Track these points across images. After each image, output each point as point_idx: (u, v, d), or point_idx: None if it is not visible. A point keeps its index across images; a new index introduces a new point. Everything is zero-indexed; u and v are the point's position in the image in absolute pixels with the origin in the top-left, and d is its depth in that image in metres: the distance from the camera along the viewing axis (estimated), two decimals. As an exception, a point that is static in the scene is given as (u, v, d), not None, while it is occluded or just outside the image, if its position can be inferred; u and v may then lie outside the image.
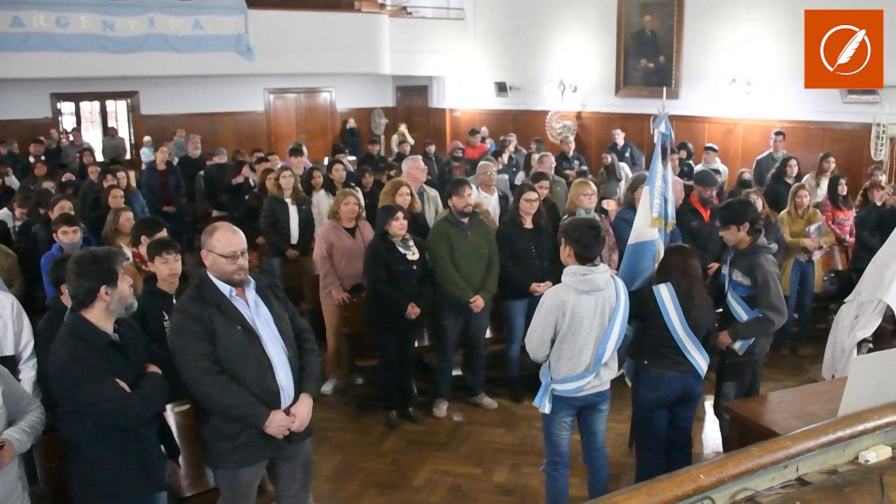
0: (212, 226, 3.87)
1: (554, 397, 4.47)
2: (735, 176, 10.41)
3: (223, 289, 3.74)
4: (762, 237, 5.22)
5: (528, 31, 16.85)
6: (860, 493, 2.88)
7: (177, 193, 11.28)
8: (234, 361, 3.69)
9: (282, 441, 3.83)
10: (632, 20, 14.53)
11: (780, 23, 11.97)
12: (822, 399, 4.00)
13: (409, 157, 9.22)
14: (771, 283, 4.97)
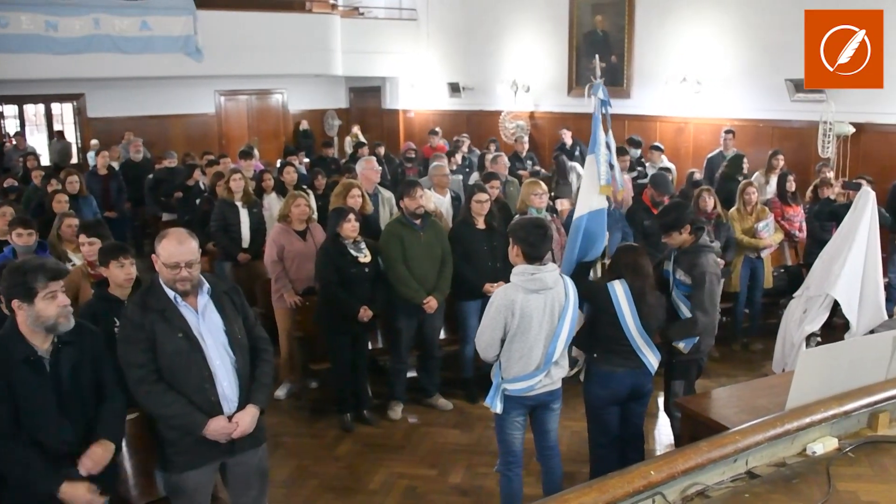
0: (164, 231, 3.79)
1: (505, 397, 4.47)
2: (684, 174, 10.52)
3: (169, 294, 3.67)
4: (704, 236, 5.24)
5: (480, 32, 16.87)
6: (808, 485, 2.94)
7: (119, 198, 11.01)
8: (173, 369, 3.63)
9: (226, 446, 3.78)
10: (583, 20, 14.60)
11: (728, 23, 12.13)
12: (771, 393, 4.04)
13: (363, 158, 9.16)
14: (706, 283, 4.99)
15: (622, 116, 13.75)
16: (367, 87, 20.23)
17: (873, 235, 6.24)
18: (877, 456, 3.17)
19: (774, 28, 11.40)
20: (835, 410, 3.22)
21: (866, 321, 6.22)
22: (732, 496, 2.88)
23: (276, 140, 18.97)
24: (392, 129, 19.52)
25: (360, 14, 19.18)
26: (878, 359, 3.58)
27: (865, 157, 10.37)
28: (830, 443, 3.21)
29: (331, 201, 7.24)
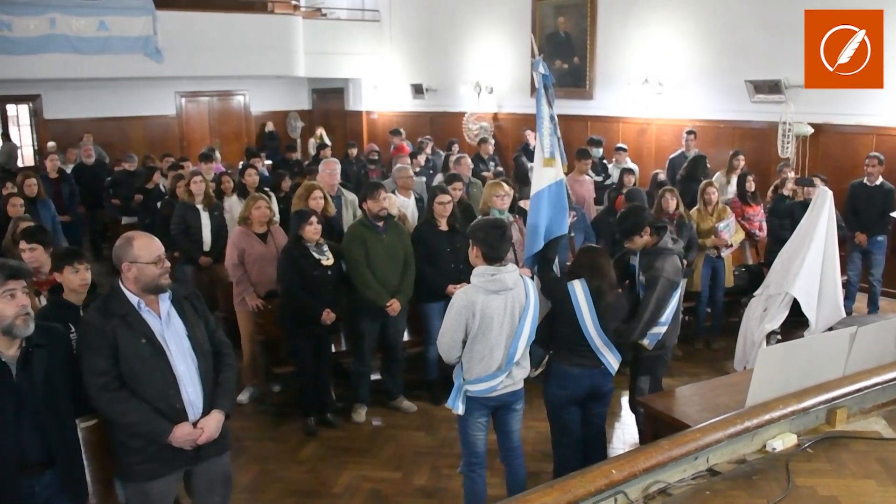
0: (126, 237, 3.73)
1: (467, 398, 4.46)
2: (647, 175, 10.60)
3: (132, 300, 3.62)
4: (667, 237, 5.25)
5: (443, 33, 16.87)
6: (767, 480, 2.97)
7: (71, 202, 10.86)
8: (137, 376, 3.57)
9: (191, 453, 3.73)
10: (546, 22, 14.65)
11: (689, 25, 12.24)
12: (732, 391, 4.08)
13: (324, 160, 9.11)
14: (657, 286, 5.02)
15: (585, 117, 13.86)
16: (330, 89, 20.14)
17: (831, 234, 6.34)
18: (835, 451, 3.21)
19: (734, 30, 11.54)
20: (793, 407, 3.26)
21: (825, 319, 6.31)
22: (693, 493, 2.90)
23: (238, 142, 18.82)
24: (355, 131, 19.45)
25: (322, 15, 19.09)
26: (836, 355, 3.63)
27: (824, 157, 10.53)
28: (789, 439, 3.24)
29: (293, 203, 7.19)
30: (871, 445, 3.28)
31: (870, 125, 10.09)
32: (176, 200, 8.50)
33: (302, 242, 6.09)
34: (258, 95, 19.66)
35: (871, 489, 2.92)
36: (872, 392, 3.60)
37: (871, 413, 3.62)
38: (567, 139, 13.56)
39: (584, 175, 9.70)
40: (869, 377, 3.58)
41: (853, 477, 3.01)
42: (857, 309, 8.82)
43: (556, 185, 5.36)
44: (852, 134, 10.31)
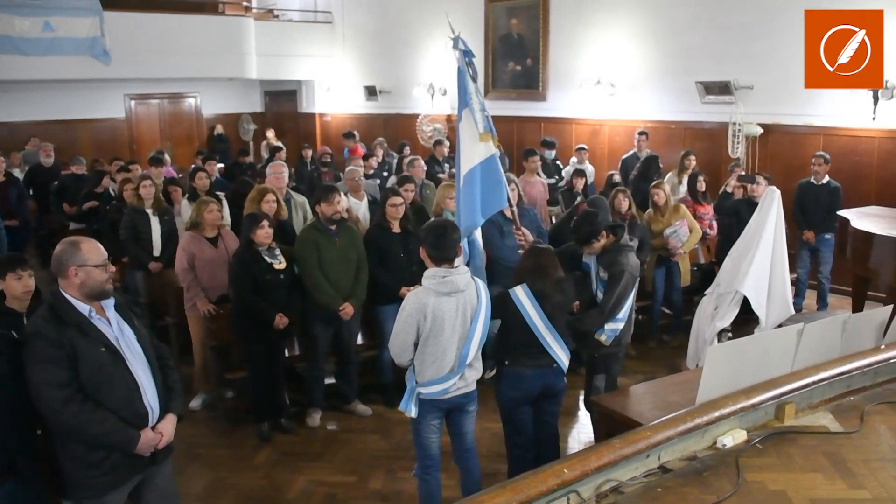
0: (69, 241, 3.65)
1: (420, 401, 4.46)
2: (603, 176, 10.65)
3: (82, 308, 3.54)
4: (625, 235, 5.34)
5: (396, 35, 16.84)
6: (718, 476, 2.99)
7: (19, 206, 10.61)
8: (99, 385, 3.50)
9: (146, 460, 3.70)
10: (499, 24, 14.70)
11: (641, 26, 12.38)
12: (684, 388, 4.11)
13: (271, 163, 9.05)
14: (621, 281, 5.13)
15: (538, 119, 13.94)
16: (282, 91, 20.01)
17: (779, 233, 6.42)
18: (784, 446, 3.25)
19: (685, 32, 11.69)
20: (743, 403, 3.29)
21: (775, 316, 6.39)
22: (645, 491, 2.91)
23: (189, 145, 18.58)
24: (309, 133, 19.33)
25: (274, 16, 18.97)
26: (784, 352, 3.68)
27: (773, 156, 10.71)
28: (739, 435, 3.28)
29: (245, 207, 7.12)
30: (819, 440, 3.32)
31: (817, 125, 10.30)
32: (124, 205, 8.36)
33: (253, 246, 6.03)
34: (210, 98, 19.46)
35: (819, 482, 2.96)
36: (820, 387, 3.65)
37: (819, 408, 3.66)
38: (521, 141, 13.73)
39: (536, 176, 9.73)
40: (816, 373, 3.63)
41: (801, 471, 3.05)
42: (807, 306, 8.97)
43: (489, 160, 5.34)
44: (800, 134, 10.51)
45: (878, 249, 7.28)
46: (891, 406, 3.68)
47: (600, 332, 5.23)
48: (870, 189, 9.71)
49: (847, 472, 3.04)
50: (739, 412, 3.30)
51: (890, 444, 3.35)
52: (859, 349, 4.01)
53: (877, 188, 9.72)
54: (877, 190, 9.68)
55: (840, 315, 4.16)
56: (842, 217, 8.01)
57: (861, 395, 3.83)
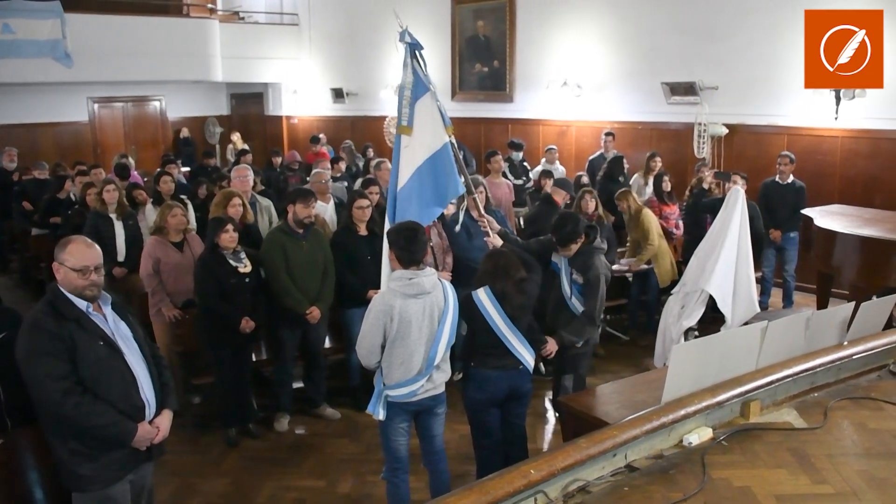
0: (66, 238, 3.76)
1: (388, 403, 4.44)
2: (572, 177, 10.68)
3: (80, 304, 3.60)
4: (598, 238, 5.41)
5: (363, 37, 16.82)
6: (684, 474, 3.00)
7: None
8: (97, 378, 3.57)
9: (143, 454, 3.77)
10: (465, 25, 14.71)
11: (607, 28, 12.46)
12: (651, 388, 4.10)
13: (236, 167, 8.98)
14: (600, 286, 5.20)
15: (505, 120, 13.97)
16: (248, 94, 19.90)
17: (744, 232, 6.48)
18: (749, 443, 3.27)
19: (650, 33, 11.78)
20: (708, 402, 3.31)
21: (740, 314, 6.44)
22: (612, 490, 2.91)
23: (154, 148, 18.39)
24: (275, 136, 19.25)
25: (240, 19, 18.83)
26: (748, 350, 3.70)
27: (738, 156, 10.80)
28: (705, 433, 3.29)
29: (210, 211, 7.06)
30: (783, 436, 3.35)
31: (782, 125, 10.41)
32: (87, 209, 8.25)
33: (218, 250, 5.98)
34: (175, 101, 19.29)
35: (783, 478, 2.98)
36: (784, 384, 3.68)
37: (783, 404, 3.69)
38: (488, 142, 13.75)
39: (501, 177, 9.74)
40: (780, 370, 3.66)
41: (766, 467, 3.07)
42: (773, 304, 9.06)
43: (440, 152, 5.32)
44: (765, 134, 10.61)
45: (840, 247, 7.38)
46: (854, 402, 3.72)
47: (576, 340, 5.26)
48: (833, 188, 9.84)
49: (811, 467, 3.07)
50: (705, 410, 3.32)
51: (852, 439, 3.39)
52: (823, 346, 4.05)
53: (840, 187, 9.85)
54: (840, 188, 9.81)
55: (803, 312, 4.19)
56: (806, 216, 8.09)
57: (825, 391, 3.87)
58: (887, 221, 7.71)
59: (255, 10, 18.86)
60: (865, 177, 9.71)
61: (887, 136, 9.45)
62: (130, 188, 8.88)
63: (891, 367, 4.13)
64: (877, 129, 9.53)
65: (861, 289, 7.12)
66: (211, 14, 17.83)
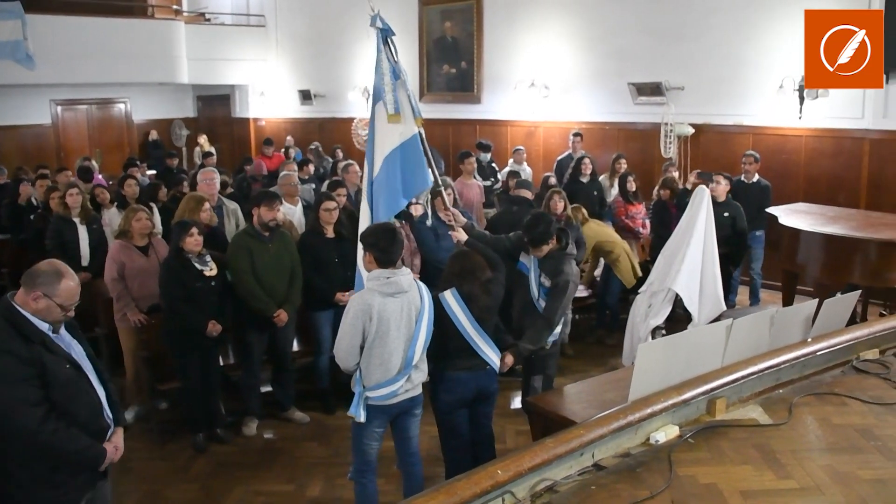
0: (57, 270, 3.58)
1: (368, 406, 4.43)
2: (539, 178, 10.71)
3: (41, 325, 3.49)
4: (572, 244, 5.36)
5: (330, 39, 16.76)
6: (651, 472, 3.01)
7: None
8: (67, 401, 3.49)
9: (99, 475, 3.72)
10: (433, 27, 14.72)
11: (573, 29, 12.52)
12: (619, 386, 4.11)
13: (202, 170, 8.93)
14: (567, 291, 5.16)
15: (473, 121, 13.99)
16: (215, 96, 19.74)
17: (709, 231, 6.52)
18: (715, 440, 3.28)
19: (617, 34, 11.85)
20: (674, 399, 3.32)
21: (707, 313, 6.48)
22: (580, 489, 2.91)
23: (119, 152, 18.15)
24: (243, 138, 19.13)
25: (206, 20, 18.69)
26: (714, 347, 3.73)
27: (705, 155, 10.89)
28: (672, 430, 3.30)
29: (176, 214, 7.02)
30: (749, 432, 3.37)
31: (747, 125, 10.54)
32: (50, 213, 8.13)
33: (183, 254, 5.92)
34: (140, 103, 19.10)
35: (748, 474, 3.00)
36: (749, 381, 3.69)
37: (749, 401, 3.70)
38: (456, 143, 13.75)
39: (472, 178, 9.74)
40: (745, 367, 3.67)
41: (731, 464, 3.08)
42: (740, 302, 9.13)
43: (408, 142, 5.27)
44: (730, 133, 10.73)
45: (805, 245, 7.45)
46: (818, 397, 3.75)
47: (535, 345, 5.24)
48: (798, 186, 9.97)
49: (776, 463, 3.09)
50: (671, 408, 3.32)
51: (816, 434, 3.41)
52: (787, 343, 4.08)
53: (804, 185, 9.99)
54: (804, 187, 9.94)
55: (768, 310, 4.23)
56: (771, 214, 8.17)
57: (789, 387, 3.88)
58: (850, 219, 7.84)
59: (222, 11, 18.72)
60: (829, 175, 9.85)
61: (850, 136, 9.60)
62: (92, 189, 8.78)
63: (854, 363, 4.16)
64: (839, 129, 9.68)
65: (825, 286, 7.21)
66: (176, 15, 17.71)
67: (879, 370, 4.07)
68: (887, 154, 9.36)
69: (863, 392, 3.78)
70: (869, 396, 3.72)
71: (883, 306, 8.52)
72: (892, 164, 9.33)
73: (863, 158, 9.57)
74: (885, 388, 3.86)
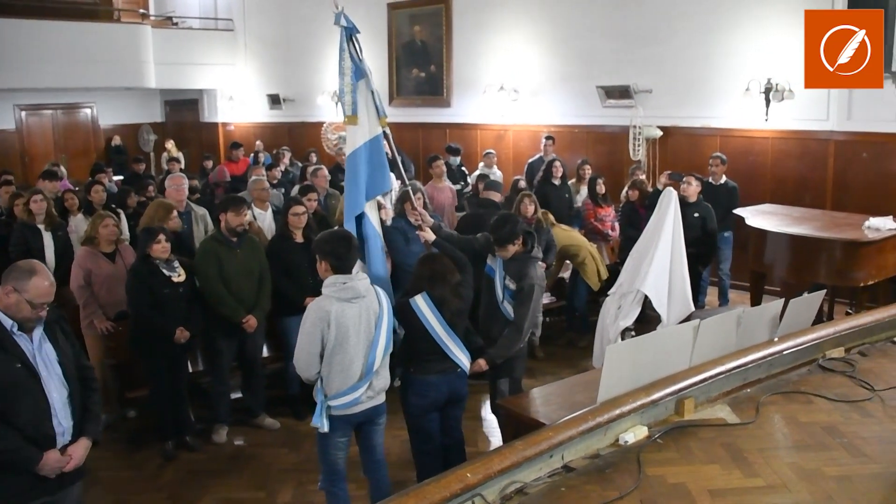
0: (30, 265, 3.63)
1: (331, 417, 4.39)
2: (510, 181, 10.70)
3: (5, 322, 3.49)
4: (537, 246, 5.33)
5: (299, 43, 16.72)
6: (620, 473, 3.03)
7: None
8: (9, 401, 3.45)
9: (53, 482, 3.63)
10: (402, 31, 14.71)
11: (542, 33, 12.57)
12: (588, 388, 4.10)
13: (170, 175, 8.85)
14: (533, 295, 5.11)
15: (443, 125, 14.00)
16: (183, 100, 19.62)
17: (677, 232, 6.56)
18: (684, 440, 3.32)
19: (585, 38, 11.91)
20: (643, 400, 3.35)
21: (676, 314, 6.52)
22: (549, 491, 2.92)
23: (86, 157, 17.97)
24: (211, 143, 19.00)
25: (173, 24, 18.60)
26: (682, 348, 3.76)
27: (673, 157, 10.96)
28: (641, 431, 3.32)
29: (142, 220, 6.97)
30: (717, 432, 3.40)
31: (714, 127, 10.62)
32: (14, 220, 8.01)
33: (150, 260, 5.87)
34: (107, 108, 18.93)
35: (716, 473, 3.03)
36: (717, 381, 3.73)
37: (717, 401, 3.75)
38: (426, 147, 13.75)
39: (444, 182, 9.73)
40: (713, 367, 3.72)
41: (700, 463, 3.11)
42: (710, 303, 9.19)
43: (371, 142, 5.22)
44: (698, 136, 10.80)
45: (771, 245, 7.54)
46: (785, 396, 3.80)
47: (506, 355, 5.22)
48: (765, 188, 10.06)
49: (743, 461, 3.13)
50: (640, 409, 3.35)
51: (783, 432, 3.46)
52: (754, 342, 4.13)
53: (771, 186, 10.08)
54: (771, 188, 10.04)
55: (735, 310, 4.27)
56: (738, 215, 8.24)
57: (757, 386, 3.93)
58: (816, 220, 7.94)
59: (189, 15, 18.62)
60: (795, 177, 9.96)
61: (815, 137, 9.71)
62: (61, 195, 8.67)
63: (820, 362, 4.22)
64: (805, 130, 9.79)
65: (792, 285, 7.28)
66: (143, 19, 17.59)
67: (845, 368, 4.14)
68: (852, 155, 9.48)
69: (829, 390, 3.84)
70: (835, 394, 3.78)
71: (849, 305, 8.61)
72: (857, 165, 9.44)
73: (828, 160, 9.68)
74: (851, 386, 3.92)
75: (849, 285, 7.62)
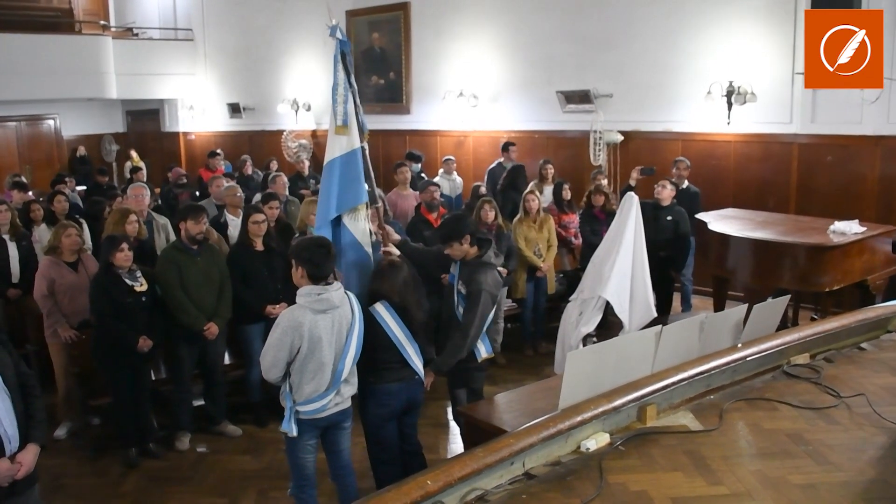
0: None
1: (299, 420, 4.38)
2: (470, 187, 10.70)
3: None
4: (490, 252, 5.18)
5: (258, 52, 16.70)
6: (581, 480, 3.01)
7: None
8: None
9: (5, 490, 3.62)
10: (361, 38, 14.68)
11: (501, 39, 12.62)
12: (550, 395, 4.03)
13: (131, 185, 8.78)
14: (480, 301, 4.97)
15: (403, 132, 14.00)
16: (144, 111, 19.49)
17: (639, 238, 6.59)
18: (645, 447, 3.30)
19: (544, 43, 11.96)
20: (604, 407, 3.33)
21: (637, 319, 6.53)
22: (510, 498, 2.90)
23: (50, 168, 17.72)
24: (173, 153, 18.88)
25: (133, 35, 18.49)
26: (644, 354, 3.73)
27: (634, 162, 10.82)
28: (602, 438, 3.30)
29: (105, 228, 6.94)
30: (679, 439, 3.38)
31: (676, 131, 10.68)
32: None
33: (113, 269, 5.84)
34: (70, 119, 18.72)
35: (679, 481, 3.01)
36: (680, 387, 3.71)
37: (680, 408, 3.72)
38: (387, 154, 13.72)
39: (408, 189, 9.71)
40: (675, 373, 3.69)
41: (662, 470, 3.09)
42: (672, 308, 9.22)
43: (349, 155, 5.15)
44: (660, 140, 10.84)
45: (734, 250, 7.51)
46: (748, 403, 3.77)
47: (450, 366, 5.12)
48: (727, 192, 10.12)
49: (706, 469, 3.10)
50: (602, 415, 3.33)
51: (747, 439, 3.44)
52: (717, 348, 4.09)
53: (734, 190, 10.14)
54: (734, 192, 10.09)
55: (698, 316, 4.26)
56: (700, 220, 8.18)
57: (720, 393, 3.90)
58: (779, 224, 7.87)
59: (149, 25, 18.53)
60: (758, 180, 10.01)
61: (777, 140, 9.78)
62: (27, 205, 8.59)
63: (785, 368, 4.18)
64: (767, 134, 9.86)
65: (755, 291, 7.25)
66: (103, 30, 17.50)
67: (810, 375, 4.09)
68: (815, 158, 9.53)
69: (793, 397, 3.80)
70: (799, 401, 3.74)
71: (814, 310, 8.46)
72: (821, 169, 9.49)
73: (791, 163, 9.73)
74: (816, 392, 3.88)
75: (813, 290, 7.46)
